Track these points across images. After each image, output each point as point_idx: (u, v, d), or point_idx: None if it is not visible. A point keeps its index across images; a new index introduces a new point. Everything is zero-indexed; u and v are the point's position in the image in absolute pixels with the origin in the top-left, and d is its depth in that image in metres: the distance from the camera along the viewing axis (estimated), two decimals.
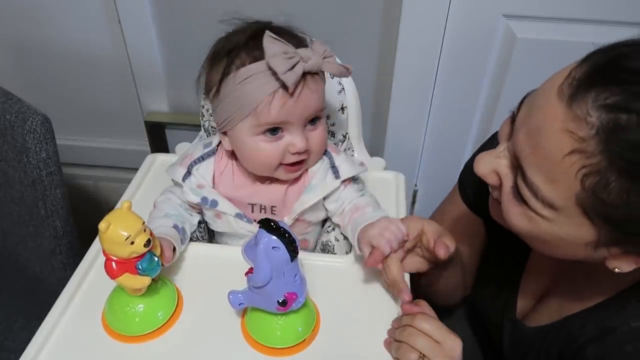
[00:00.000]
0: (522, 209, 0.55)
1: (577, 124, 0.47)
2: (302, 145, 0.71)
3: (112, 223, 0.57)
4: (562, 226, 0.52)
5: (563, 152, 0.48)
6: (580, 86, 0.47)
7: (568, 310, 0.65)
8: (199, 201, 0.76)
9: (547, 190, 0.51)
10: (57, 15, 1.28)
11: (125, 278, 0.61)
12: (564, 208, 0.51)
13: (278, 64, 0.64)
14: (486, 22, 1.13)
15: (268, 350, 0.64)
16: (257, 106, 0.67)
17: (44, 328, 0.66)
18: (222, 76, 0.68)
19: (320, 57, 0.67)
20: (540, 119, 0.51)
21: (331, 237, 0.83)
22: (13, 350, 0.99)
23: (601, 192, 0.47)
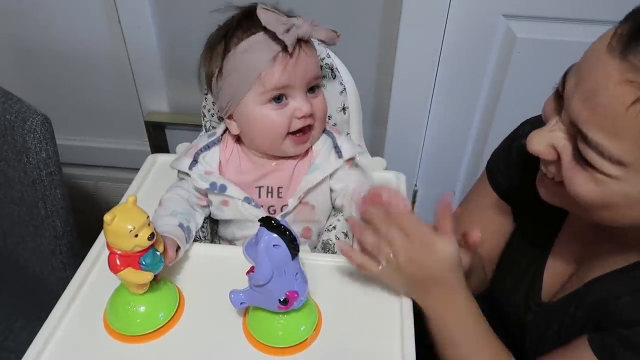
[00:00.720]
0: (588, 174, 0.54)
1: (636, 73, 0.47)
2: (307, 109, 0.73)
3: (117, 215, 0.57)
4: (634, 184, 0.52)
5: (626, 104, 0.48)
6: (631, 38, 0.48)
7: (594, 275, 0.65)
8: (207, 187, 0.77)
9: (613, 147, 0.50)
10: (57, 15, 1.28)
11: (128, 272, 0.61)
12: (633, 162, 0.50)
13: (276, 26, 0.68)
14: (486, 22, 1.13)
15: (270, 350, 0.64)
16: (260, 73, 0.71)
17: (46, 328, 0.66)
18: (222, 57, 0.72)
19: (309, 25, 0.72)
20: (594, 79, 0.51)
21: (332, 235, 0.83)
22: (13, 350, 0.99)
23: None
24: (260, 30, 0.70)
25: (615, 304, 0.60)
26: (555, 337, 0.68)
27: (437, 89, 1.24)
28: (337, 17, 1.19)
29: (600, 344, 0.59)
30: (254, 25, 0.70)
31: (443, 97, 1.25)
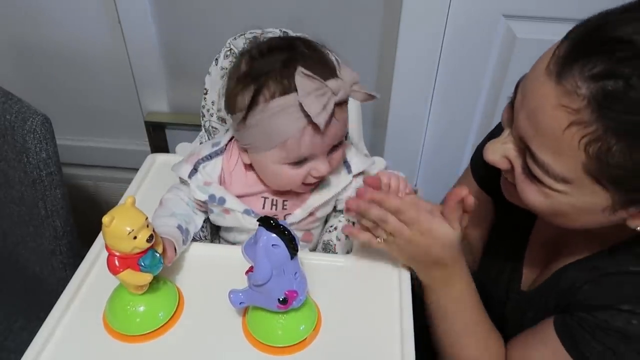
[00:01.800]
0: (537, 187, 0.57)
1: (569, 98, 0.49)
2: (325, 171, 0.72)
3: (115, 217, 0.57)
4: (578, 197, 0.54)
5: (562, 127, 0.50)
6: (565, 62, 0.50)
7: (560, 265, 0.69)
8: (206, 199, 0.76)
9: (556, 166, 0.53)
10: (57, 16, 1.28)
11: (127, 274, 0.61)
12: (575, 179, 0.53)
13: (310, 104, 0.63)
14: (486, 22, 1.13)
15: (269, 349, 0.64)
16: (286, 140, 0.67)
17: (45, 328, 0.66)
18: (249, 105, 0.67)
19: (349, 86, 0.67)
20: (534, 99, 0.53)
21: (332, 236, 0.83)
22: (13, 350, 0.99)
23: (605, 157, 0.49)
24: (295, 90, 0.64)
25: (578, 291, 0.64)
26: (531, 323, 0.71)
27: (437, 89, 1.24)
28: (337, 17, 1.19)
29: (562, 325, 0.64)
30: (289, 79, 0.64)
31: (443, 97, 1.25)
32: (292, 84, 0.64)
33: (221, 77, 0.83)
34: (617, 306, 0.59)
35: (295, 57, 0.66)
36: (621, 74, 0.47)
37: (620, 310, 0.59)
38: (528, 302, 0.74)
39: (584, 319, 0.62)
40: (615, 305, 0.59)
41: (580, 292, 0.64)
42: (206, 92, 0.86)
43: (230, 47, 0.83)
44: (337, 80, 0.66)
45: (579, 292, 0.64)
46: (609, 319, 0.59)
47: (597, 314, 0.61)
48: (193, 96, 1.32)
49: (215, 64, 0.84)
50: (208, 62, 0.86)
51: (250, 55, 0.70)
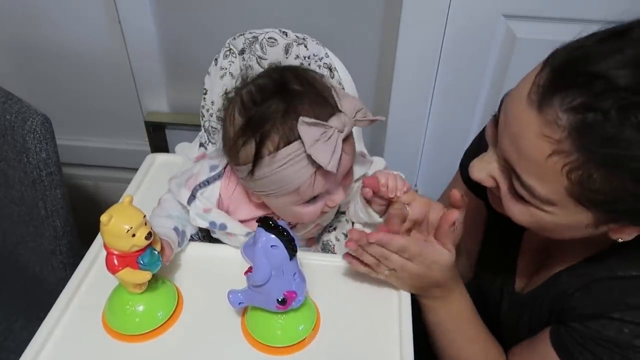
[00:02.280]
0: (523, 207, 0.58)
1: (550, 128, 0.51)
2: (341, 200, 0.71)
3: (113, 216, 0.57)
4: (562, 216, 0.56)
5: (544, 155, 0.52)
6: (546, 92, 0.51)
7: (557, 269, 0.70)
8: (207, 226, 0.75)
9: (541, 189, 0.54)
10: (57, 16, 1.28)
11: (126, 273, 0.61)
12: (559, 201, 0.54)
13: (319, 154, 0.61)
14: (486, 22, 1.13)
15: (268, 349, 0.64)
16: (299, 187, 0.66)
17: (44, 328, 0.66)
18: (254, 160, 0.65)
19: (352, 118, 0.64)
20: (517, 126, 0.54)
21: (331, 236, 0.83)
22: (13, 350, 0.99)
23: (587, 183, 0.51)
24: (299, 138, 0.61)
25: (570, 299, 0.65)
26: (527, 326, 0.73)
27: (437, 89, 1.24)
28: (337, 18, 1.19)
29: (556, 337, 0.66)
30: (290, 126, 0.62)
31: (443, 97, 1.25)
32: (295, 132, 0.61)
33: (220, 77, 0.83)
34: (607, 314, 0.60)
35: (293, 101, 0.63)
36: (599, 107, 0.48)
37: (611, 319, 0.60)
38: (522, 306, 0.75)
39: (576, 329, 0.63)
40: (605, 314, 0.60)
41: (572, 299, 0.65)
42: (205, 92, 0.86)
43: (230, 47, 0.83)
44: (339, 117, 0.63)
45: (571, 299, 0.65)
46: (601, 329, 0.60)
47: (588, 323, 0.62)
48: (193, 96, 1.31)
49: (215, 64, 0.84)
50: (208, 62, 0.86)
51: (242, 101, 0.67)
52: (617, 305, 0.60)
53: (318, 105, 0.64)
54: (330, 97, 0.66)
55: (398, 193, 0.69)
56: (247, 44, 0.82)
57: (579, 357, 0.62)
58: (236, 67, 0.83)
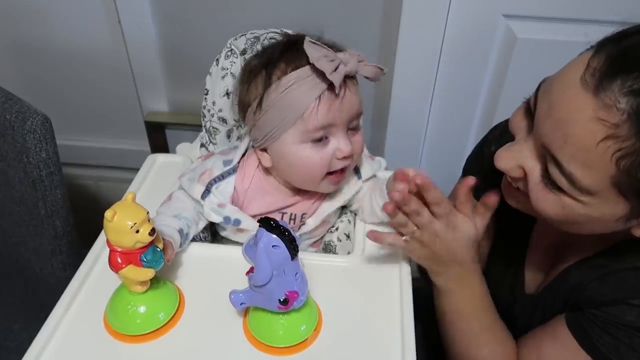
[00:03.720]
0: (556, 197, 0.57)
1: (607, 112, 0.49)
2: (348, 149, 0.71)
3: (117, 212, 0.57)
4: (598, 207, 0.55)
5: (597, 139, 0.50)
6: (604, 76, 0.50)
7: (564, 266, 0.70)
8: (221, 220, 0.76)
9: (584, 178, 0.53)
10: (57, 15, 1.28)
11: (130, 270, 0.61)
12: (600, 191, 0.53)
13: (323, 65, 0.64)
14: (486, 22, 1.13)
15: (270, 350, 0.64)
16: (304, 112, 0.67)
17: (46, 328, 0.66)
18: (263, 89, 0.68)
19: (356, 60, 0.68)
20: (567, 110, 0.52)
21: (334, 237, 0.83)
22: (13, 350, 0.99)
23: (636, 171, 0.50)
24: (305, 64, 0.66)
25: (585, 289, 0.65)
26: (539, 323, 0.72)
27: (437, 89, 1.24)
28: (337, 17, 1.19)
29: (574, 321, 0.65)
30: (298, 57, 0.67)
31: (443, 97, 1.25)
32: (302, 60, 0.66)
33: (222, 78, 0.83)
34: (626, 301, 0.60)
35: (298, 41, 0.68)
36: None
37: (631, 305, 0.59)
38: (535, 305, 0.74)
39: (595, 314, 0.63)
40: (624, 300, 0.60)
41: (588, 290, 0.64)
42: (207, 92, 0.86)
43: (232, 48, 0.83)
44: (344, 53, 0.67)
45: (587, 290, 0.65)
46: (619, 314, 0.60)
47: (607, 309, 0.61)
48: (193, 96, 1.32)
49: (216, 64, 0.84)
50: (208, 62, 0.86)
51: (255, 55, 0.73)
52: (635, 293, 0.59)
53: (324, 45, 0.67)
54: (336, 44, 0.70)
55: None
56: (249, 45, 0.82)
57: (598, 339, 0.61)
58: (237, 68, 0.83)
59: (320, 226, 0.81)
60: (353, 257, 0.77)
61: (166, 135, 1.45)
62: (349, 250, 0.81)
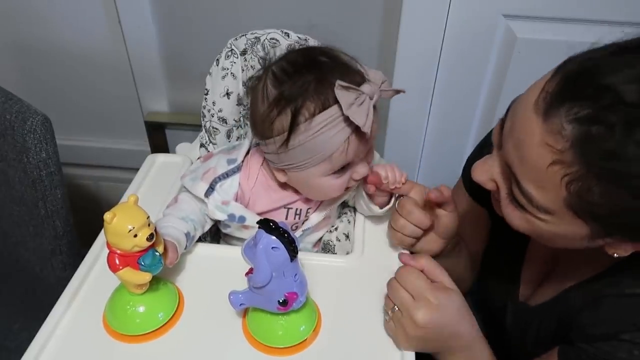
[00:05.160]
0: (520, 213, 0.58)
1: (553, 137, 0.50)
2: (365, 172, 0.73)
3: (117, 214, 0.57)
4: (559, 226, 0.56)
5: (545, 163, 0.51)
6: (553, 101, 0.51)
7: (567, 284, 0.69)
8: (225, 218, 0.76)
9: (539, 197, 0.54)
10: (57, 15, 1.28)
11: (127, 272, 0.61)
12: (557, 211, 0.54)
13: (356, 115, 0.63)
14: (486, 22, 1.13)
15: (270, 350, 0.64)
16: (332, 154, 0.68)
17: (46, 328, 0.66)
18: (290, 128, 0.67)
19: (378, 88, 0.68)
20: (521, 132, 0.54)
21: (332, 237, 0.83)
22: (13, 350, 0.99)
23: (585, 195, 0.51)
24: (333, 103, 0.65)
25: (579, 317, 0.64)
26: (534, 339, 0.72)
27: (437, 89, 1.24)
28: (337, 17, 1.19)
29: (565, 356, 0.64)
30: (325, 93, 0.65)
31: (443, 97, 1.25)
32: (330, 99, 0.65)
33: (222, 78, 0.83)
34: (617, 336, 0.59)
35: (324, 71, 0.66)
36: (604, 121, 0.48)
37: (621, 341, 0.59)
38: (530, 318, 0.74)
39: (586, 351, 0.62)
40: (615, 335, 0.59)
41: (581, 316, 0.64)
42: (207, 92, 0.86)
43: (232, 48, 0.83)
44: (369, 85, 0.66)
45: (580, 317, 0.64)
46: (611, 350, 0.59)
47: (598, 345, 0.61)
48: (193, 96, 1.32)
49: (217, 65, 0.84)
50: (208, 62, 0.86)
51: (274, 75, 0.69)
52: (626, 326, 0.59)
53: (348, 74, 0.66)
54: (358, 69, 0.70)
55: (398, 185, 0.72)
56: (249, 45, 0.82)
57: None
58: (238, 68, 0.83)
59: (322, 221, 0.82)
60: (352, 257, 0.77)
61: (166, 135, 1.45)
62: (348, 250, 0.81)
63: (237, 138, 0.89)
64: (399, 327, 0.64)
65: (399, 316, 0.64)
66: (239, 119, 0.88)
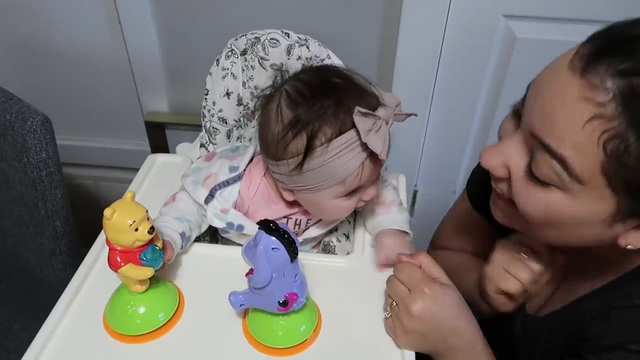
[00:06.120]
0: (540, 193, 0.55)
1: (593, 92, 0.49)
2: (375, 193, 0.73)
3: (116, 210, 0.57)
4: (584, 202, 0.53)
5: (583, 120, 0.49)
6: (592, 58, 0.50)
7: (577, 295, 0.67)
8: (224, 226, 0.75)
9: (574, 161, 0.51)
10: (57, 16, 1.28)
11: (129, 269, 0.61)
12: (590, 180, 0.51)
13: (374, 142, 0.63)
14: (486, 22, 1.13)
15: (270, 351, 0.64)
16: (346, 178, 0.67)
17: (46, 328, 0.66)
18: (305, 152, 0.66)
19: (393, 112, 0.67)
20: (554, 93, 0.52)
21: (333, 237, 0.83)
22: (13, 350, 0.99)
23: (622, 156, 0.48)
24: (350, 127, 0.64)
25: (588, 328, 0.62)
26: (543, 351, 0.69)
27: (437, 89, 1.24)
28: (337, 17, 1.19)
29: None
30: (342, 117, 0.64)
31: (443, 97, 1.25)
32: (347, 123, 0.64)
33: (222, 78, 0.83)
34: (625, 346, 0.57)
35: (340, 95, 0.66)
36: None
37: (629, 351, 0.57)
38: (537, 329, 0.72)
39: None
40: (623, 346, 0.58)
41: (590, 327, 0.62)
42: (207, 92, 0.86)
43: (232, 48, 0.83)
44: (385, 109, 0.66)
45: (589, 328, 0.62)
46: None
47: (605, 356, 0.59)
48: (193, 96, 1.32)
49: (217, 65, 0.84)
50: (208, 62, 0.86)
51: (289, 97, 0.68)
52: (635, 337, 0.57)
53: (364, 98, 0.66)
54: (373, 92, 0.69)
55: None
56: (249, 45, 0.82)
57: None
58: (238, 68, 0.83)
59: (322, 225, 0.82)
60: (352, 257, 0.77)
61: (166, 135, 1.45)
62: (349, 251, 0.81)
63: (237, 138, 0.89)
64: (396, 322, 0.64)
65: (396, 310, 0.64)
66: (239, 119, 0.88)
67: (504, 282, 0.67)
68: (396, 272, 0.66)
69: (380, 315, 0.68)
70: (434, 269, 0.66)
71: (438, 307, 0.62)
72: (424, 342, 0.63)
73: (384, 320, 0.67)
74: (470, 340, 0.64)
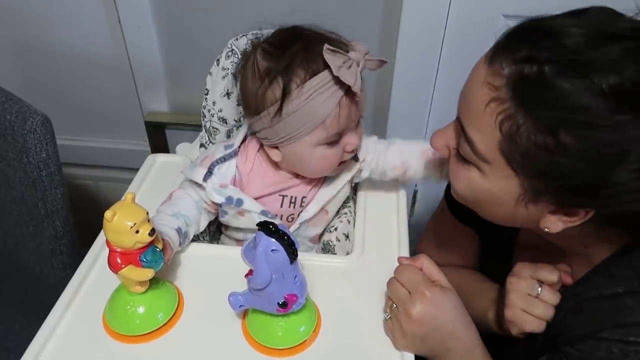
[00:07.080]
0: (464, 170, 0.60)
1: (493, 77, 0.54)
2: (357, 143, 0.75)
3: (117, 212, 0.57)
4: (493, 181, 0.58)
5: (484, 102, 0.54)
6: (498, 47, 0.55)
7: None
8: (223, 201, 0.76)
9: (479, 142, 0.56)
10: (57, 16, 1.28)
11: (129, 270, 0.61)
12: (494, 159, 0.56)
13: (346, 76, 0.65)
14: (486, 22, 1.13)
15: (269, 351, 0.64)
16: (325, 119, 0.69)
17: (45, 328, 0.66)
18: (282, 96, 0.68)
19: (363, 57, 0.69)
20: (470, 80, 0.58)
21: (332, 237, 0.83)
22: (13, 350, 0.99)
23: (515, 136, 0.53)
24: (323, 69, 0.67)
25: (563, 322, 0.64)
26: (525, 349, 0.70)
27: (437, 89, 1.24)
28: (337, 17, 1.19)
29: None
30: (314, 60, 0.67)
31: (443, 97, 1.25)
32: (319, 65, 0.67)
33: (222, 78, 0.83)
34: (596, 335, 0.59)
35: (311, 41, 0.69)
36: (537, 60, 0.51)
37: (600, 339, 0.59)
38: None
39: (570, 354, 0.62)
40: (594, 335, 0.60)
41: (564, 321, 0.64)
42: (207, 92, 0.86)
43: (232, 48, 0.83)
44: (355, 52, 0.68)
45: (563, 322, 0.64)
46: (591, 350, 0.60)
47: (579, 346, 0.61)
48: (193, 96, 1.32)
49: (217, 65, 0.84)
50: (208, 62, 0.86)
51: (263, 50, 0.71)
52: (604, 324, 0.59)
53: (332, 42, 0.68)
54: (342, 39, 0.72)
55: None
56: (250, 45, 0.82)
57: None
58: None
59: (319, 214, 0.81)
60: (352, 257, 0.77)
61: (166, 135, 1.45)
62: (348, 250, 0.81)
63: None
64: (395, 323, 0.64)
65: (395, 312, 0.64)
66: (239, 119, 0.88)
67: (528, 325, 0.66)
68: (397, 274, 0.66)
69: (380, 315, 0.68)
70: (434, 271, 0.66)
71: (437, 310, 0.62)
72: (422, 344, 0.63)
73: (383, 322, 0.67)
74: (468, 344, 0.64)
